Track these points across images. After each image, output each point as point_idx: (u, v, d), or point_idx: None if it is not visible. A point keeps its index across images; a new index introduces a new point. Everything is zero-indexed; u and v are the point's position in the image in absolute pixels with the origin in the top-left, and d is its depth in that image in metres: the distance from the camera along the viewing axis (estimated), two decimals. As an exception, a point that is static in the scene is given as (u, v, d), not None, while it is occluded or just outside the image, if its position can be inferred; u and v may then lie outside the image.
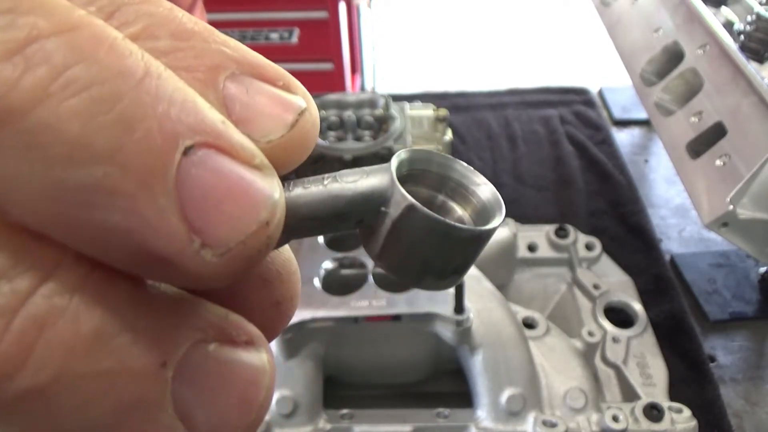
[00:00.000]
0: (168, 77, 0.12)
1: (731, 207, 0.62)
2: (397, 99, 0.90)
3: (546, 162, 1.07)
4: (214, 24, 0.15)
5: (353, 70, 2.08)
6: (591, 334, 0.72)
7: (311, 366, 0.65)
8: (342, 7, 1.86)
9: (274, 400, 0.62)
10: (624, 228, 0.93)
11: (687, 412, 0.61)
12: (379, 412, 0.64)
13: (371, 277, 0.67)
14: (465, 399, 0.65)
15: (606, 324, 0.74)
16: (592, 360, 0.72)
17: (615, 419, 0.59)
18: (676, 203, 1.01)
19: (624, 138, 1.14)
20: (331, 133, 0.84)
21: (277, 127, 0.14)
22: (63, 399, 0.12)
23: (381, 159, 0.81)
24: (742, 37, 0.80)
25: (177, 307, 0.13)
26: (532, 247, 0.83)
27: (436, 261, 0.16)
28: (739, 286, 0.85)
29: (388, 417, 0.63)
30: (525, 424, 0.61)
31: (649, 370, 0.70)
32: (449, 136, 0.87)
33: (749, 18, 0.80)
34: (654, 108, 0.80)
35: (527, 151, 1.09)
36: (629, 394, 0.68)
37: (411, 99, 0.93)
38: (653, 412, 0.60)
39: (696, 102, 0.74)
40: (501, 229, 0.79)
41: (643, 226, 0.92)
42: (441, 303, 0.64)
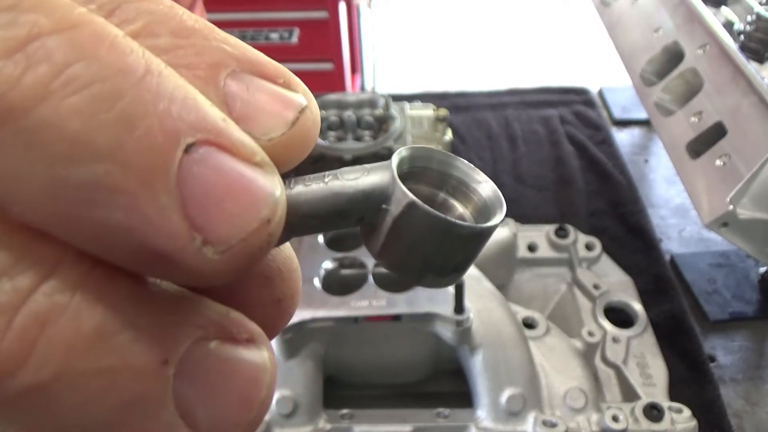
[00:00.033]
0: (169, 75, 0.12)
1: (731, 207, 0.62)
2: (397, 99, 0.90)
3: (546, 162, 1.07)
4: (214, 24, 0.15)
5: (353, 70, 2.08)
6: (591, 334, 0.72)
7: (311, 366, 0.64)
8: (342, 7, 1.86)
9: (274, 400, 0.62)
10: (624, 228, 0.93)
11: (687, 412, 0.61)
12: (379, 412, 0.64)
13: (371, 277, 0.67)
14: (465, 399, 0.65)
15: (606, 324, 0.74)
16: (592, 360, 0.72)
17: (615, 419, 0.59)
18: (676, 203, 1.01)
19: (624, 138, 1.14)
20: (331, 133, 0.84)
21: (278, 125, 0.14)
22: (64, 396, 0.12)
23: (381, 159, 0.81)
24: (742, 37, 0.80)
25: (178, 305, 0.13)
26: (532, 247, 0.83)
27: (437, 258, 0.16)
28: (739, 286, 0.85)
29: (388, 417, 0.63)
30: (525, 424, 0.61)
31: (649, 370, 0.70)
32: (449, 136, 0.87)
33: (749, 18, 0.80)
34: (654, 108, 0.80)
35: (527, 151, 1.09)
36: (629, 394, 0.68)
37: (411, 99, 0.93)
38: (653, 412, 0.60)
39: (696, 102, 0.74)
40: (501, 229, 0.79)
41: (643, 226, 0.92)
42: (441, 303, 0.64)
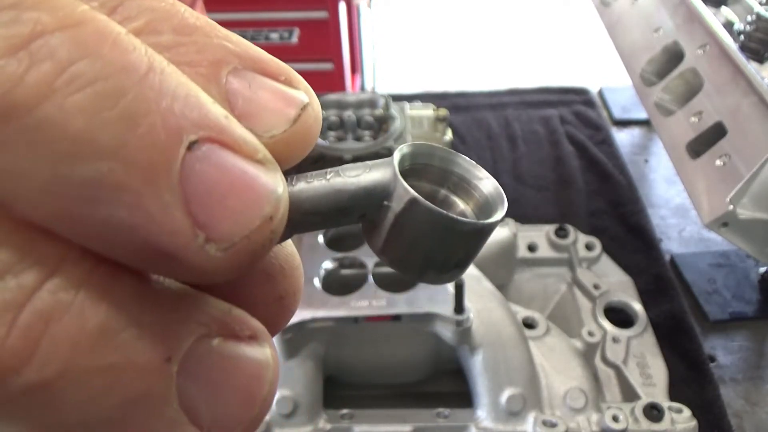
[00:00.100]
0: (171, 72, 0.12)
1: (731, 207, 0.62)
2: (397, 99, 0.91)
3: (546, 162, 1.07)
4: (213, 23, 0.15)
5: (353, 70, 2.08)
6: (591, 334, 0.72)
7: (311, 366, 0.64)
8: (342, 7, 1.86)
9: (274, 399, 0.62)
10: (624, 228, 0.93)
11: (687, 412, 0.61)
12: (379, 412, 0.64)
13: (371, 277, 0.67)
14: (465, 399, 0.65)
15: (606, 324, 0.74)
16: (592, 360, 0.72)
17: (615, 419, 0.59)
18: (676, 203, 1.01)
19: (624, 138, 1.14)
20: (331, 133, 0.84)
21: (280, 122, 0.14)
22: (68, 394, 0.12)
23: (381, 159, 0.81)
24: (742, 37, 0.80)
25: (181, 302, 0.13)
26: (532, 247, 0.83)
27: (438, 255, 0.16)
28: (739, 286, 0.85)
29: (388, 417, 0.63)
30: (525, 424, 0.61)
31: (649, 370, 0.70)
32: (449, 136, 0.88)
33: (749, 18, 0.80)
34: (654, 108, 0.80)
35: (527, 151, 1.09)
36: (629, 394, 0.68)
37: (411, 99, 0.93)
38: (653, 412, 0.60)
39: (696, 102, 0.74)
40: (501, 229, 0.79)
41: (643, 226, 0.92)
42: (441, 303, 0.64)
